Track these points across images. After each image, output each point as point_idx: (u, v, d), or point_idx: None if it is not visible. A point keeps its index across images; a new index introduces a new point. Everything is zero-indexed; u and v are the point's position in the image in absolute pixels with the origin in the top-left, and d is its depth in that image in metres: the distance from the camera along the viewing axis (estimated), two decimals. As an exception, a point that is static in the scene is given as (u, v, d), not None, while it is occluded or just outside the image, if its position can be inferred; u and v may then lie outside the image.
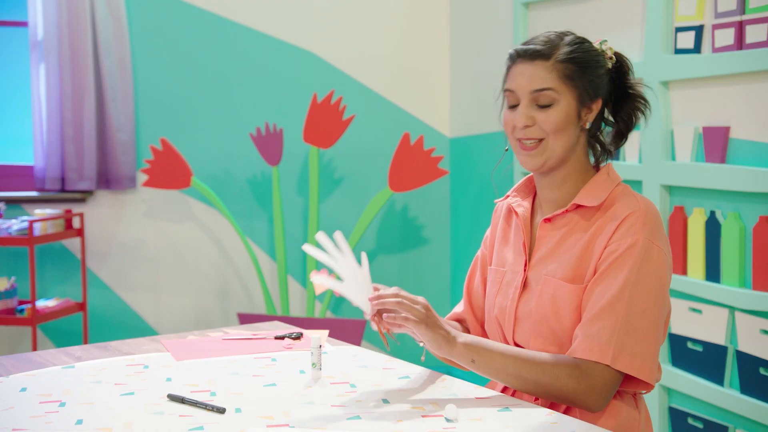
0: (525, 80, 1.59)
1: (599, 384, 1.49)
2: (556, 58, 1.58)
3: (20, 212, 3.79)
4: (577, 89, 1.58)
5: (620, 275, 1.50)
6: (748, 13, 2.53)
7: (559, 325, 1.56)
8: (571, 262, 1.57)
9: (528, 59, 1.59)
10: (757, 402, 2.52)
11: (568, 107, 1.58)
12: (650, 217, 1.54)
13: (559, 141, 1.58)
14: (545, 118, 1.58)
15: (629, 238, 1.52)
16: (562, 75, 1.57)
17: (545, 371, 1.50)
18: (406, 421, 1.40)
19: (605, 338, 1.48)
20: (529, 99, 1.59)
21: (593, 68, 1.60)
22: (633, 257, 1.50)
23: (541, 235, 1.64)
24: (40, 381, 1.64)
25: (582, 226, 1.59)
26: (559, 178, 1.63)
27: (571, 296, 1.55)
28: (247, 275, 4.07)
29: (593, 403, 1.50)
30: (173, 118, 3.97)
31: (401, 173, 3.66)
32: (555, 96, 1.57)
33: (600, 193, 1.59)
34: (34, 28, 3.73)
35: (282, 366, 1.74)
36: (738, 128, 2.62)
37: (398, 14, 4.25)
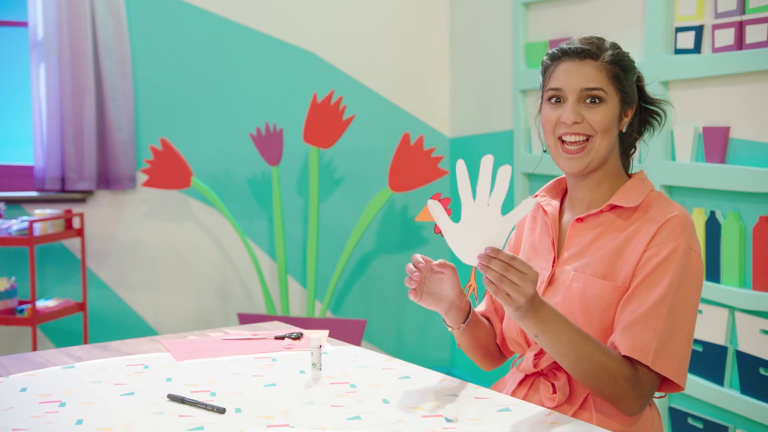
0: (574, 78, 1.60)
1: (647, 391, 1.52)
2: (604, 59, 1.60)
3: (20, 212, 3.79)
4: (621, 92, 1.62)
5: (664, 279, 1.51)
6: (748, 13, 2.53)
7: (585, 321, 1.57)
8: (604, 259, 1.58)
9: (577, 58, 1.60)
10: (757, 402, 2.53)
11: (614, 107, 1.61)
12: (689, 224, 1.56)
13: (605, 140, 1.60)
14: (594, 116, 1.59)
15: (670, 242, 1.53)
16: (611, 75, 1.60)
17: (607, 370, 1.49)
18: (406, 421, 1.40)
19: (647, 339, 1.49)
20: (578, 96, 1.60)
21: (632, 73, 1.64)
22: (675, 262, 1.52)
23: (572, 234, 1.65)
24: (40, 381, 1.64)
25: (618, 225, 1.60)
26: (595, 180, 1.65)
27: (601, 292, 1.56)
28: (247, 275, 4.07)
29: (638, 408, 1.52)
30: (173, 118, 3.97)
31: (401, 173, 3.66)
32: (604, 95, 1.59)
33: (636, 196, 1.61)
34: (34, 28, 3.73)
35: (282, 366, 1.74)
36: (738, 128, 2.62)
37: (398, 14, 4.25)
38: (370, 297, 4.22)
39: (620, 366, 1.49)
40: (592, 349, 1.49)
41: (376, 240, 4.24)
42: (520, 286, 1.41)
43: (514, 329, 1.69)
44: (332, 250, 4.12)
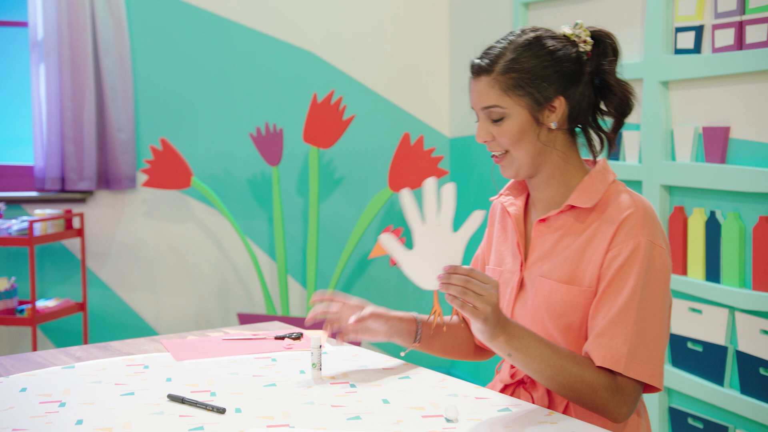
0: (475, 97, 1.58)
1: (630, 397, 1.48)
2: (498, 71, 1.54)
3: (20, 212, 3.79)
4: (525, 97, 1.54)
5: (629, 281, 1.48)
6: (748, 14, 2.53)
7: (554, 327, 1.55)
8: (566, 263, 1.55)
9: (475, 75, 1.58)
10: (757, 402, 2.52)
11: (520, 117, 1.54)
12: (648, 216, 1.52)
13: (521, 151, 1.56)
14: (499, 133, 1.56)
15: (631, 241, 1.49)
16: (504, 88, 1.54)
17: (584, 381, 1.47)
18: (406, 421, 1.40)
19: (617, 346, 1.47)
20: (483, 115, 1.57)
21: (544, 68, 1.54)
22: (639, 261, 1.48)
23: (536, 235, 1.62)
24: (40, 381, 1.64)
25: (577, 228, 1.56)
26: (543, 181, 1.61)
27: (567, 298, 1.54)
28: (247, 275, 4.07)
29: (625, 414, 1.49)
30: (173, 118, 3.97)
31: (401, 173, 3.66)
32: (502, 111, 1.55)
33: (593, 194, 1.56)
34: (34, 28, 3.73)
35: (282, 366, 1.74)
36: (738, 128, 2.62)
37: (398, 14, 4.25)
38: (370, 297, 4.22)
39: (596, 375, 1.47)
40: (567, 362, 1.47)
41: (375, 240, 4.24)
42: (484, 295, 1.41)
43: None
44: (332, 250, 4.12)
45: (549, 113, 1.56)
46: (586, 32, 1.58)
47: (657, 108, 2.85)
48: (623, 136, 3.05)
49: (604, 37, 1.59)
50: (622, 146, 3.06)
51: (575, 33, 1.58)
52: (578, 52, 1.57)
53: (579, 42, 1.57)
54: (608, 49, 1.58)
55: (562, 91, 1.55)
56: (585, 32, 1.58)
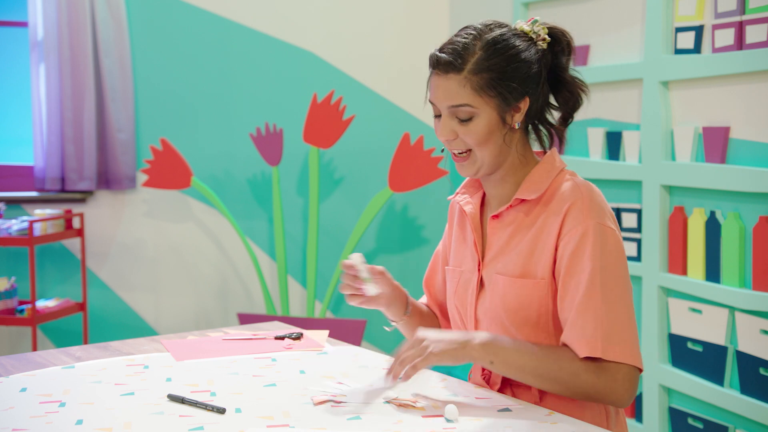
0: (440, 94, 1.54)
1: (622, 381, 1.46)
2: (469, 70, 1.51)
3: (20, 212, 3.79)
4: (496, 98, 1.52)
5: (585, 266, 1.47)
6: (748, 14, 2.53)
7: (511, 322, 1.55)
8: (518, 258, 1.55)
9: (442, 71, 1.53)
10: (757, 402, 2.52)
11: (489, 117, 1.53)
12: (594, 201, 1.51)
13: (485, 151, 1.55)
14: (466, 132, 1.53)
15: (579, 226, 1.49)
16: (476, 87, 1.51)
17: (563, 368, 1.47)
18: (406, 421, 1.40)
19: (590, 332, 1.46)
20: (448, 113, 1.54)
21: (514, 68, 1.53)
22: (590, 245, 1.48)
23: (491, 232, 1.61)
24: (40, 381, 1.64)
25: (526, 220, 1.56)
26: (498, 178, 1.60)
27: (521, 292, 1.53)
28: (247, 275, 4.07)
29: (625, 398, 1.47)
30: (173, 118, 3.97)
31: (401, 173, 3.66)
32: (472, 110, 1.52)
33: (539, 185, 1.56)
34: (34, 28, 3.73)
35: (282, 366, 1.74)
36: (738, 128, 2.62)
37: (398, 14, 4.25)
38: (370, 297, 4.22)
39: (574, 362, 1.47)
40: (544, 355, 1.48)
41: (376, 240, 4.24)
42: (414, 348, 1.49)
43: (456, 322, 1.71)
44: (332, 250, 4.12)
45: (514, 113, 1.55)
46: (544, 30, 1.58)
47: (657, 108, 2.85)
48: (623, 136, 3.05)
49: (560, 35, 1.60)
50: (622, 146, 3.06)
51: (534, 30, 1.58)
52: (537, 50, 1.57)
53: (537, 39, 1.58)
54: (565, 46, 1.59)
55: (528, 92, 1.55)
56: (543, 30, 1.58)
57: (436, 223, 4.33)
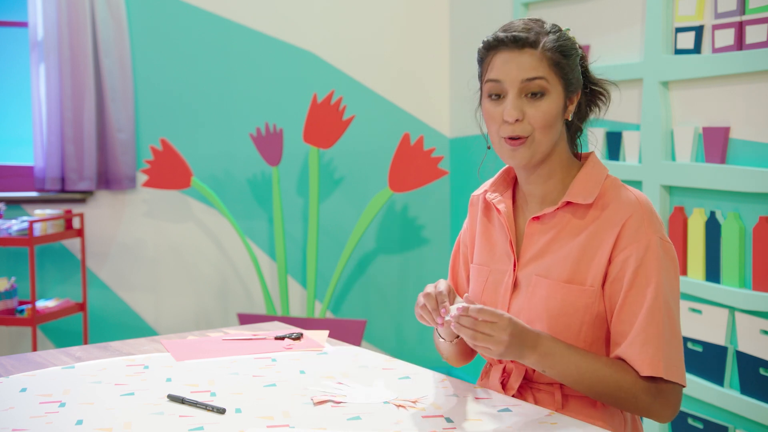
0: (514, 69, 1.50)
1: (673, 401, 1.48)
2: (544, 46, 1.51)
3: (20, 212, 3.79)
4: (564, 79, 1.53)
5: (650, 282, 1.47)
6: (748, 14, 2.53)
7: (551, 326, 1.52)
8: (567, 261, 1.52)
9: (515, 47, 1.50)
10: (757, 402, 2.53)
11: (557, 98, 1.52)
12: (654, 214, 1.51)
13: (546, 136, 1.52)
14: (535, 112, 1.50)
15: (642, 239, 1.48)
16: (552, 63, 1.51)
17: (622, 388, 1.46)
18: (406, 421, 1.40)
19: (653, 351, 1.45)
20: (519, 89, 1.51)
21: (575, 57, 1.55)
22: (656, 260, 1.47)
23: (529, 233, 1.58)
24: (40, 381, 1.64)
25: (576, 224, 1.54)
26: (544, 174, 1.58)
27: (566, 297, 1.52)
28: (247, 275, 4.07)
29: (668, 417, 1.49)
30: (173, 119, 3.97)
31: (401, 173, 3.65)
32: (546, 86, 1.50)
33: (591, 189, 1.54)
34: (34, 28, 3.73)
35: (282, 366, 1.74)
36: (738, 128, 2.62)
37: (398, 14, 4.25)
38: (370, 297, 4.23)
39: (635, 381, 1.46)
40: (604, 372, 1.46)
41: (376, 240, 4.24)
42: (493, 335, 1.40)
43: None
44: (332, 250, 4.12)
45: (569, 104, 1.56)
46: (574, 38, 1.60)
47: (657, 108, 2.85)
48: (623, 136, 3.05)
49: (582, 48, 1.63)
50: (622, 146, 3.06)
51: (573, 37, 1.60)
52: None
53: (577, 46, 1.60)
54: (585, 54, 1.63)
55: (581, 86, 1.58)
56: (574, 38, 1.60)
57: (436, 223, 4.33)
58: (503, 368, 1.60)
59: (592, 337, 1.53)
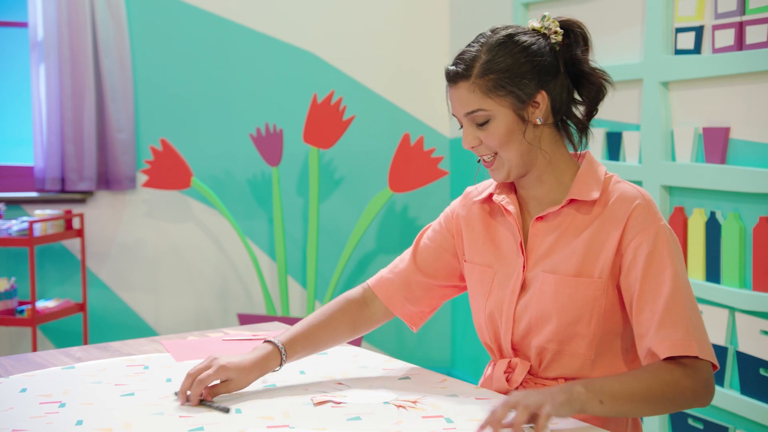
0: (456, 104, 1.56)
1: (706, 376, 1.45)
2: (476, 75, 1.52)
3: (20, 213, 3.79)
4: (507, 96, 1.52)
5: (666, 267, 1.47)
6: (749, 14, 2.53)
7: (561, 322, 1.53)
8: (574, 256, 1.53)
9: (452, 83, 1.56)
10: (758, 403, 2.52)
11: (505, 118, 1.53)
12: (654, 204, 1.53)
13: (510, 152, 1.54)
14: (486, 136, 1.54)
15: (650, 228, 1.49)
16: (485, 90, 1.52)
17: (666, 382, 1.42)
18: (406, 421, 1.40)
19: (682, 333, 1.44)
20: (467, 121, 1.56)
21: (522, 64, 1.52)
22: (666, 246, 1.48)
23: (533, 233, 1.59)
24: (40, 381, 1.64)
25: (581, 220, 1.55)
26: (534, 179, 1.59)
27: (576, 291, 1.52)
28: (247, 276, 4.07)
29: (706, 398, 1.46)
30: (173, 119, 3.97)
31: (401, 174, 3.65)
32: (486, 113, 1.52)
33: (594, 185, 1.55)
34: (34, 28, 3.73)
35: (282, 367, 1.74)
36: (738, 129, 2.62)
37: (398, 14, 4.25)
38: (370, 297, 4.22)
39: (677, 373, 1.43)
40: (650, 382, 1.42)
41: (376, 240, 4.24)
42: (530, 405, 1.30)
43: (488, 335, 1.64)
44: (332, 250, 4.12)
45: (533, 110, 1.55)
46: (555, 23, 1.57)
47: (657, 108, 2.85)
48: (623, 137, 3.05)
49: (574, 26, 1.58)
50: (622, 146, 3.07)
51: (544, 26, 1.57)
52: (550, 44, 1.56)
53: (550, 34, 1.57)
54: (579, 37, 1.58)
55: (543, 86, 1.54)
56: (554, 24, 1.57)
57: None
58: (508, 362, 1.60)
59: (603, 330, 1.53)
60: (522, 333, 1.58)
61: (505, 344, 1.61)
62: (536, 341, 1.56)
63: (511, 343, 1.60)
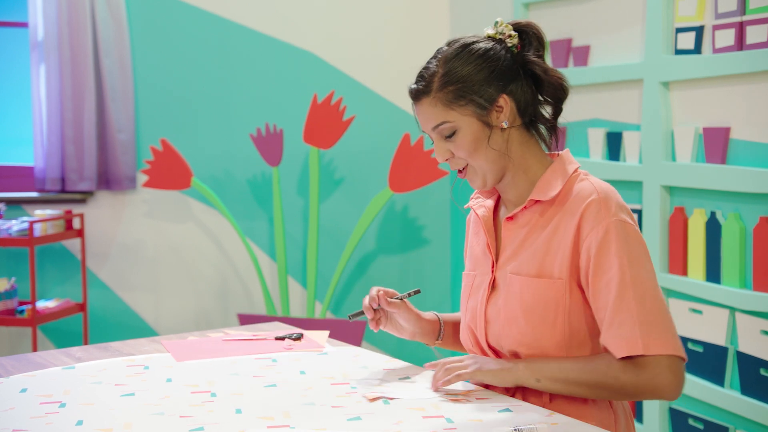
0: (422, 120, 1.59)
1: (658, 370, 1.45)
2: (435, 89, 1.55)
3: (20, 213, 3.79)
4: (468, 105, 1.55)
5: (613, 264, 1.47)
6: (749, 14, 2.53)
7: (527, 322, 1.54)
8: (535, 256, 1.55)
9: (416, 100, 1.59)
10: (758, 403, 2.52)
11: (470, 126, 1.55)
12: (611, 199, 1.51)
13: (479, 159, 1.57)
14: (455, 148, 1.57)
15: (599, 225, 1.49)
16: (446, 102, 1.55)
17: (606, 373, 1.48)
18: (406, 422, 1.40)
19: (628, 331, 1.45)
20: (435, 135, 1.58)
21: (477, 71, 1.55)
22: (615, 242, 1.48)
23: (505, 234, 1.62)
24: (40, 382, 1.64)
25: (541, 221, 1.57)
26: (508, 181, 1.61)
27: (538, 291, 1.53)
28: (247, 276, 4.07)
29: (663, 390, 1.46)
30: (173, 119, 3.97)
31: (401, 174, 3.66)
32: (451, 125, 1.55)
33: (554, 185, 1.56)
34: (34, 28, 3.73)
35: (282, 367, 1.74)
36: (738, 129, 2.62)
37: (398, 15, 4.25)
38: (371, 297, 4.22)
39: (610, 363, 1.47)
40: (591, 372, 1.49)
41: (376, 240, 4.24)
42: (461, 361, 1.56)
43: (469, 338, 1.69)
44: (332, 250, 4.12)
45: (497, 114, 1.56)
46: (508, 27, 1.60)
47: (657, 108, 2.85)
48: (623, 137, 3.05)
49: (527, 28, 1.61)
50: (623, 147, 3.06)
51: (498, 31, 1.61)
52: (506, 47, 1.58)
53: (504, 38, 1.60)
54: (533, 39, 1.60)
55: (503, 89, 1.56)
56: (507, 28, 1.60)
57: (436, 224, 4.33)
58: None
59: (570, 330, 1.54)
60: (495, 335, 1.60)
61: (483, 347, 1.63)
62: (507, 343, 1.58)
63: (488, 346, 1.62)
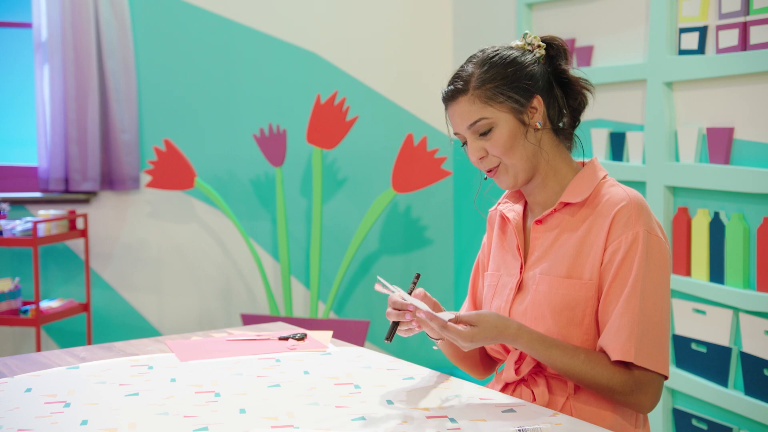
0: (458, 120, 1.63)
1: (650, 389, 1.53)
2: (473, 87, 1.60)
3: (24, 213, 3.80)
4: (506, 102, 1.59)
5: (631, 272, 1.52)
6: (753, 14, 2.53)
7: (555, 323, 1.57)
8: (566, 258, 1.59)
9: (452, 101, 1.63)
10: (761, 403, 2.52)
11: (507, 123, 1.60)
12: (642, 207, 1.56)
13: (514, 157, 1.60)
14: (492, 145, 1.60)
15: (629, 232, 1.54)
16: (485, 99, 1.59)
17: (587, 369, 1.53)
18: (410, 422, 1.40)
19: (625, 336, 1.51)
20: (471, 133, 1.62)
21: (514, 71, 1.60)
22: (638, 252, 1.52)
23: (534, 237, 1.65)
24: (44, 382, 1.65)
25: (572, 223, 1.61)
26: (537, 184, 1.65)
27: (568, 292, 1.57)
28: (251, 276, 4.08)
29: (648, 405, 1.53)
30: (177, 119, 3.97)
31: (404, 174, 3.66)
32: (489, 121, 1.59)
33: (585, 189, 1.61)
34: (38, 29, 3.74)
35: (286, 367, 1.74)
36: (742, 129, 2.62)
37: (402, 15, 4.25)
38: (374, 298, 4.23)
39: (612, 375, 1.52)
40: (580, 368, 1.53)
41: (379, 241, 4.24)
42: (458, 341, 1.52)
43: None
44: (335, 250, 4.12)
45: (532, 113, 1.61)
46: (536, 39, 1.66)
47: (661, 109, 2.85)
48: (627, 137, 3.05)
49: (553, 40, 1.67)
50: (626, 147, 3.06)
51: (527, 42, 1.66)
52: (535, 57, 1.64)
53: (533, 49, 1.65)
54: (560, 50, 1.66)
55: (537, 91, 1.62)
56: (536, 39, 1.66)
57: (439, 224, 4.33)
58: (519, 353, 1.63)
59: (596, 330, 1.58)
60: None
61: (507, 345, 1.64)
62: None
63: None
